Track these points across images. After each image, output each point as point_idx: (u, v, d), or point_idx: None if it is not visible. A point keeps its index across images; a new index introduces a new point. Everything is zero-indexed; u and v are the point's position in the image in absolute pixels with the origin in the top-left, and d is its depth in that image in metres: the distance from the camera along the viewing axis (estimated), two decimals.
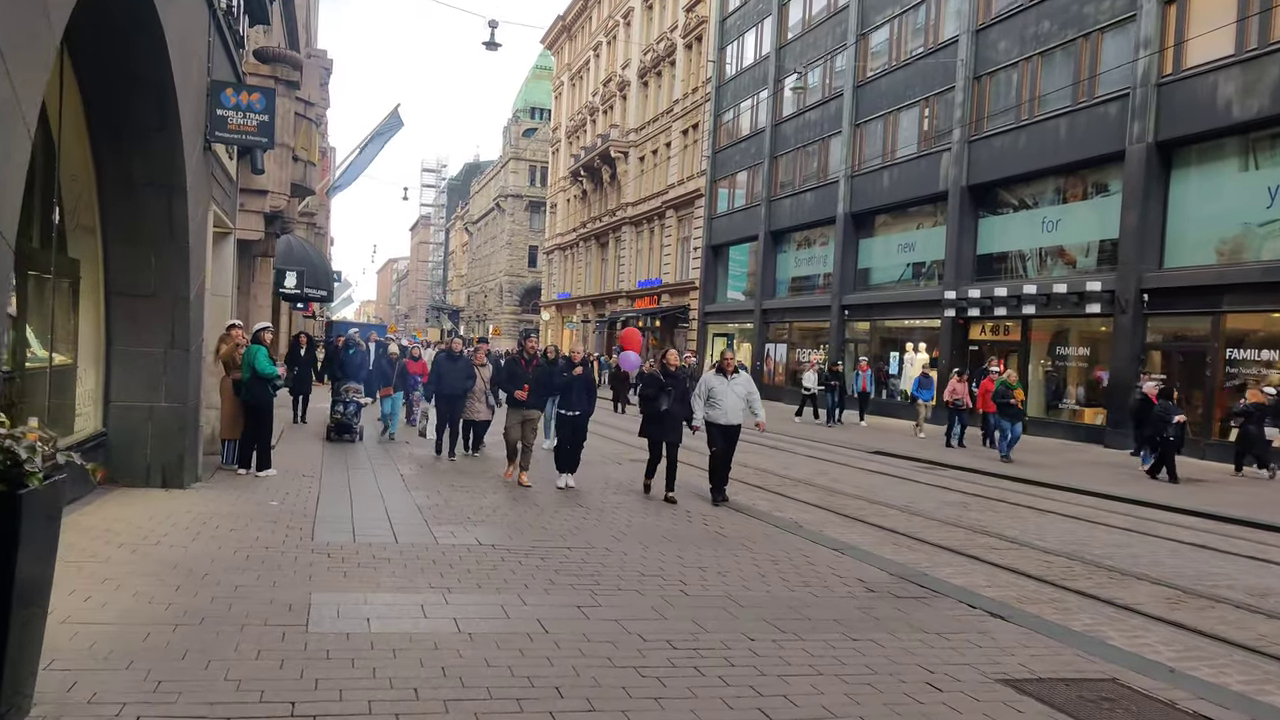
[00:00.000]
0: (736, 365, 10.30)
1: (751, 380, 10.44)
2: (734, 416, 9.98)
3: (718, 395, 9.94)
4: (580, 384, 10.39)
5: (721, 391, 9.94)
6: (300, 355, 15.89)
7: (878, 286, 29.60)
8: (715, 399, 9.93)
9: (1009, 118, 23.51)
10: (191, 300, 8.84)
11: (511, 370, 10.76)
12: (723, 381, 10.01)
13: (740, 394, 10.00)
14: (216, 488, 9.36)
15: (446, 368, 12.13)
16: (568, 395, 10.42)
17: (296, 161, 13.90)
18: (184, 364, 8.88)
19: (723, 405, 9.91)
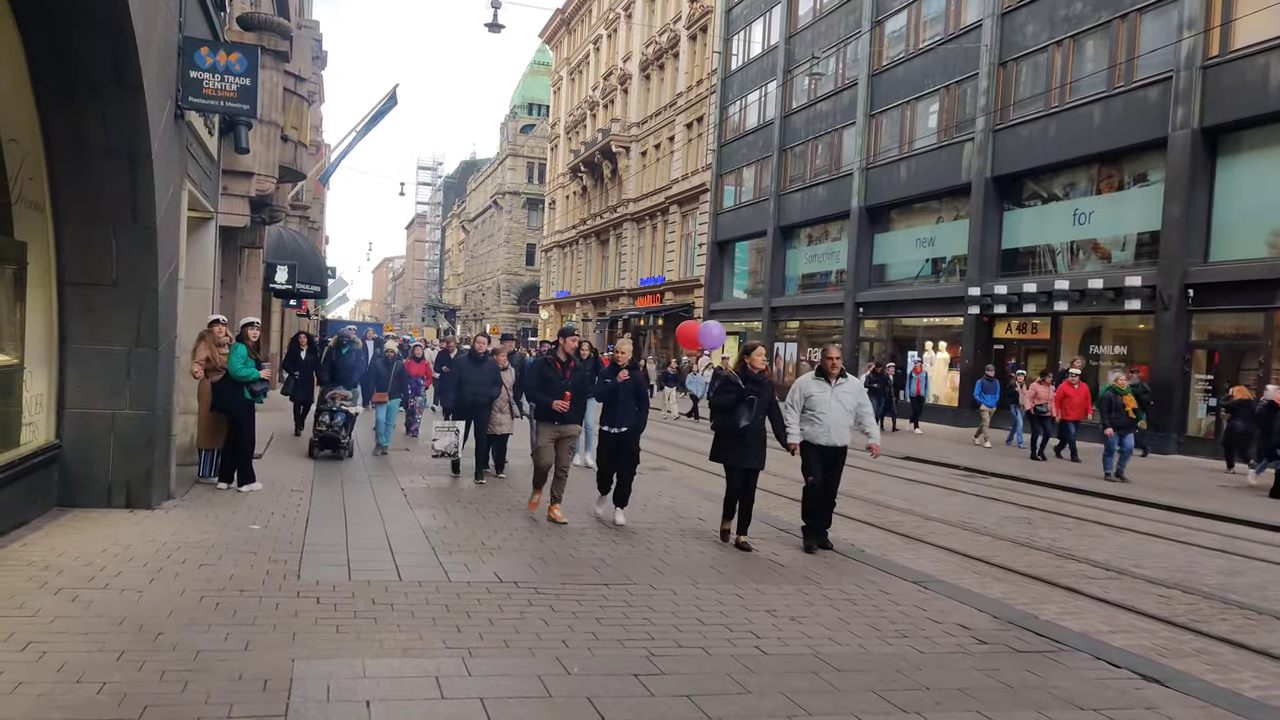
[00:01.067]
0: (842, 368, 7.91)
1: (863, 388, 8.20)
2: (839, 435, 7.68)
3: (819, 407, 7.62)
4: (628, 391, 8.25)
5: (823, 402, 7.63)
6: (300, 358, 14.01)
7: (894, 283, 28.45)
8: (815, 412, 7.64)
9: (1037, 105, 22.35)
10: (161, 291, 7.63)
11: (544, 374, 8.34)
12: (824, 389, 7.68)
13: (848, 405, 7.72)
14: (190, 507, 8.14)
15: (470, 371, 10.22)
16: (612, 406, 8.26)
17: (286, 142, 12.67)
18: (152, 365, 7.67)
19: (825, 420, 7.61)
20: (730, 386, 7.66)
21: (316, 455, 11.75)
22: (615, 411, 8.28)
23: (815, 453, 7.71)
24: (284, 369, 14.17)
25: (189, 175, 8.77)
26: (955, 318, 25.12)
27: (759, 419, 7.56)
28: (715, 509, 9.26)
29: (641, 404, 8.40)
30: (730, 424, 7.52)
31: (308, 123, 14.04)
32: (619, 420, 8.27)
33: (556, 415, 8.15)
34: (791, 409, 7.72)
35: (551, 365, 8.34)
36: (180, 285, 8.55)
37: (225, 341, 9.11)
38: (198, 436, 9.63)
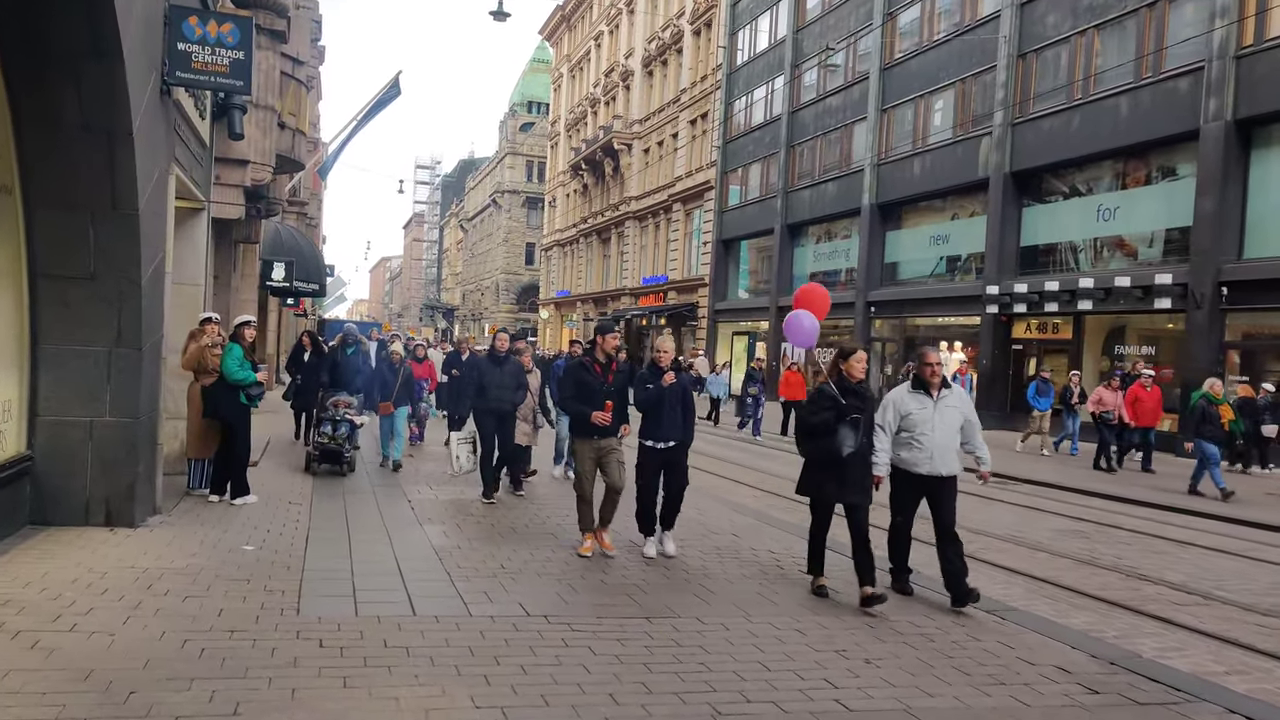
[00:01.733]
0: (945, 376, 6.40)
1: (968, 399, 6.69)
2: (945, 460, 6.13)
3: (919, 427, 6.12)
4: (675, 398, 6.96)
5: (924, 420, 6.12)
6: (304, 361, 12.88)
7: (907, 282, 27.73)
8: (914, 433, 6.14)
9: (1059, 97, 21.63)
10: (144, 285, 6.89)
11: (580, 379, 7.05)
12: (925, 404, 6.18)
13: (953, 423, 6.20)
14: (178, 523, 7.39)
15: (490, 374, 9.02)
16: (655, 416, 6.98)
17: (283, 129, 11.92)
18: (134, 367, 6.92)
19: (927, 443, 6.10)
20: (826, 402, 5.99)
21: (316, 470, 10.42)
22: (660, 422, 6.94)
23: (911, 484, 6.21)
24: (287, 371, 13.40)
25: (177, 160, 8.03)
26: (972, 317, 24.41)
27: (864, 442, 6.04)
28: (748, 524, 8.56)
29: (688, 413, 7.13)
30: (828, 451, 5.93)
31: (306, 109, 13.29)
32: (665, 433, 6.96)
33: (594, 429, 6.91)
34: (882, 431, 6.19)
35: (589, 369, 7.03)
36: (167, 280, 7.81)
37: (218, 341, 8.37)
38: (187, 445, 8.88)
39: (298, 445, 12.80)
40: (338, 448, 10.38)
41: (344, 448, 10.40)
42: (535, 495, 9.53)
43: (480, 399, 9.09)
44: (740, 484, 12.44)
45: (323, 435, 10.45)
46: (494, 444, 9.31)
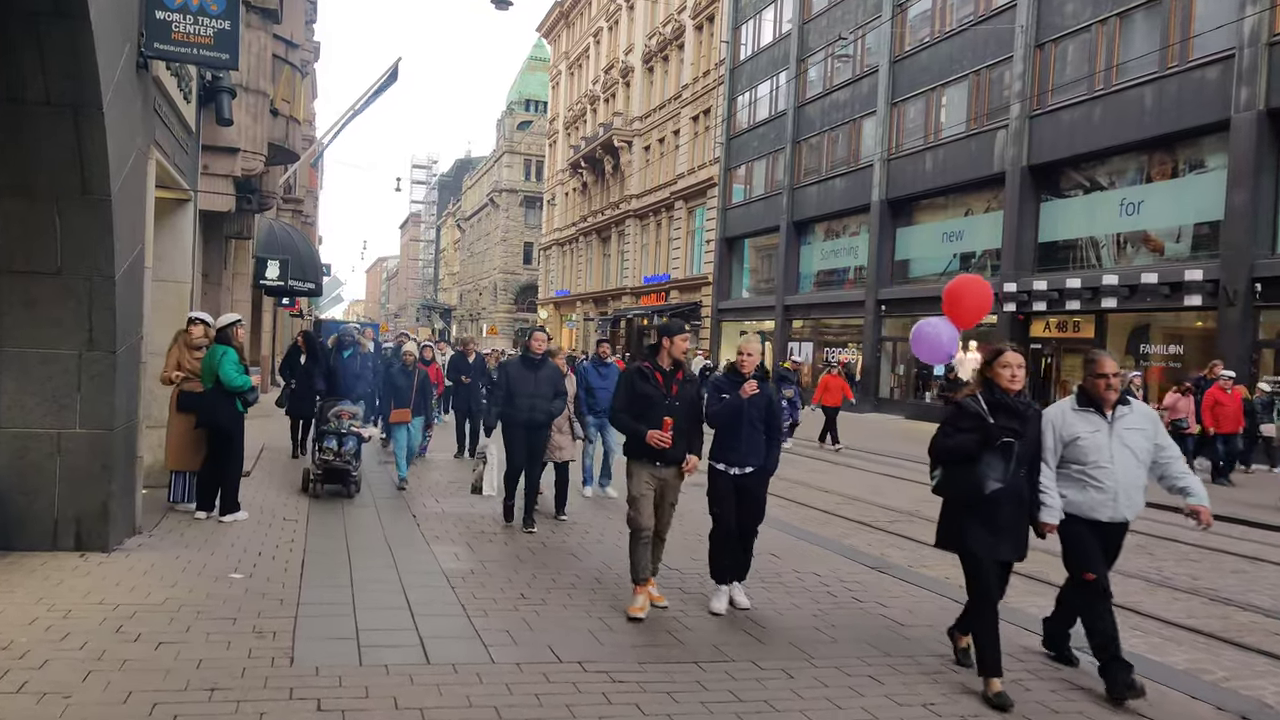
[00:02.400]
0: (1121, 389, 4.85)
1: (1157, 419, 5.04)
2: (1130, 501, 4.68)
3: (1092, 455, 4.64)
4: (756, 413, 5.64)
5: (1098, 448, 4.64)
6: (300, 364, 11.49)
7: (919, 279, 27.02)
8: (1087, 466, 4.65)
9: (1080, 89, 20.94)
10: (119, 280, 6.15)
11: (638, 391, 5.62)
12: (1098, 426, 4.70)
13: (1141, 449, 4.70)
14: (158, 545, 6.65)
15: (523, 379, 7.76)
16: (732, 435, 5.63)
17: (276, 116, 11.17)
18: (108, 372, 6.18)
19: (1106, 480, 4.61)
20: (969, 419, 4.55)
21: (318, 493, 9.02)
22: (736, 442, 5.59)
23: (1092, 534, 4.62)
24: (280, 376, 12.11)
25: (158, 144, 7.29)
26: (988, 315, 23.67)
27: (1019, 476, 4.55)
28: (786, 543, 7.82)
29: (773, 432, 5.75)
30: (967, 485, 4.52)
31: (301, 96, 12.54)
32: (742, 455, 5.60)
33: (653, 451, 5.48)
34: (1045, 464, 4.68)
35: (649, 377, 5.59)
36: (147, 275, 7.07)
37: (202, 344, 7.64)
38: (167, 455, 8.12)
39: (295, 460, 11.62)
40: (344, 466, 9.00)
41: (351, 466, 9.05)
42: (551, 510, 8.76)
43: (510, 408, 7.77)
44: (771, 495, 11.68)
45: (326, 452, 9.02)
46: (522, 461, 7.94)
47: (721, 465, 5.69)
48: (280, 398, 12.00)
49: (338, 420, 9.22)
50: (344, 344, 10.88)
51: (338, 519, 7.98)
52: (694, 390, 5.75)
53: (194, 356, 7.62)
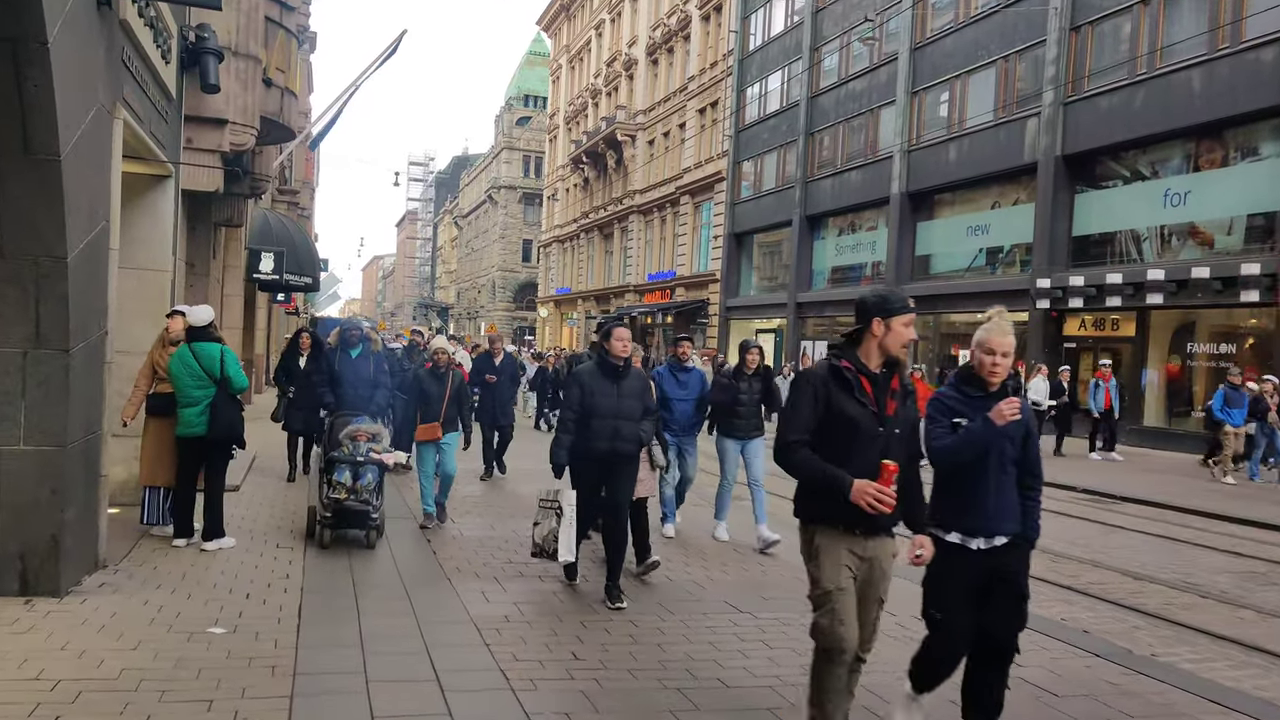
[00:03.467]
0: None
1: None
2: None
3: None
4: (1013, 451, 3.65)
5: None
6: (300, 368, 9.57)
7: (941, 276, 25.92)
8: None
9: (1120, 73, 19.82)
10: (74, 263, 4.99)
11: (833, 409, 3.47)
12: None
13: None
14: (125, 585, 5.49)
15: (604, 395, 5.80)
16: (972, 484, 3.61)
17: (270, 87, 10.00)
18: (60, 375, 5.02)
19: None
20: None
21: (326, 542, 6.81)
22: (981, 497, 3.57)
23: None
24: (276, 382, 10.36)
25: (128, 104, 6.12)
26: (1017, 313, 22.48)
27: None
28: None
29: (1034, 479, 3.74)
30: None
31: (297, 66, 11.36)
32: (991, 518, 3.58)
33: (854, 514, 3.35)
34: None
35: (853, 384, 3.45)
36: (113, 259, 5.91)
37: (179, 339, 6.51)
38: (140, 469, 6.97)
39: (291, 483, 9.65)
40: (361, 506, 6.84)
41: (370, 506, 6.88)
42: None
43: (586, 435, 5.74)
44: None
45: (337, 488, 6.80)
46: (600, 507, 6.05)
47: (958, 536, 3.58)
48: (277, 410, 10.00)
49: (352, 444, 7.05)
50: (349, 341, 8.87)
51: (340, 551, 6.82)
52: (914, 410, 3.64)
53: (166, 354, 6.48)
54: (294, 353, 9.84)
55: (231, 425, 6.46)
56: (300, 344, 9.78)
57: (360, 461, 6.94)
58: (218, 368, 6.38)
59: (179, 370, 6.36)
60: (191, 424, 6.39)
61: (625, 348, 5.85)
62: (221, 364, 6.39)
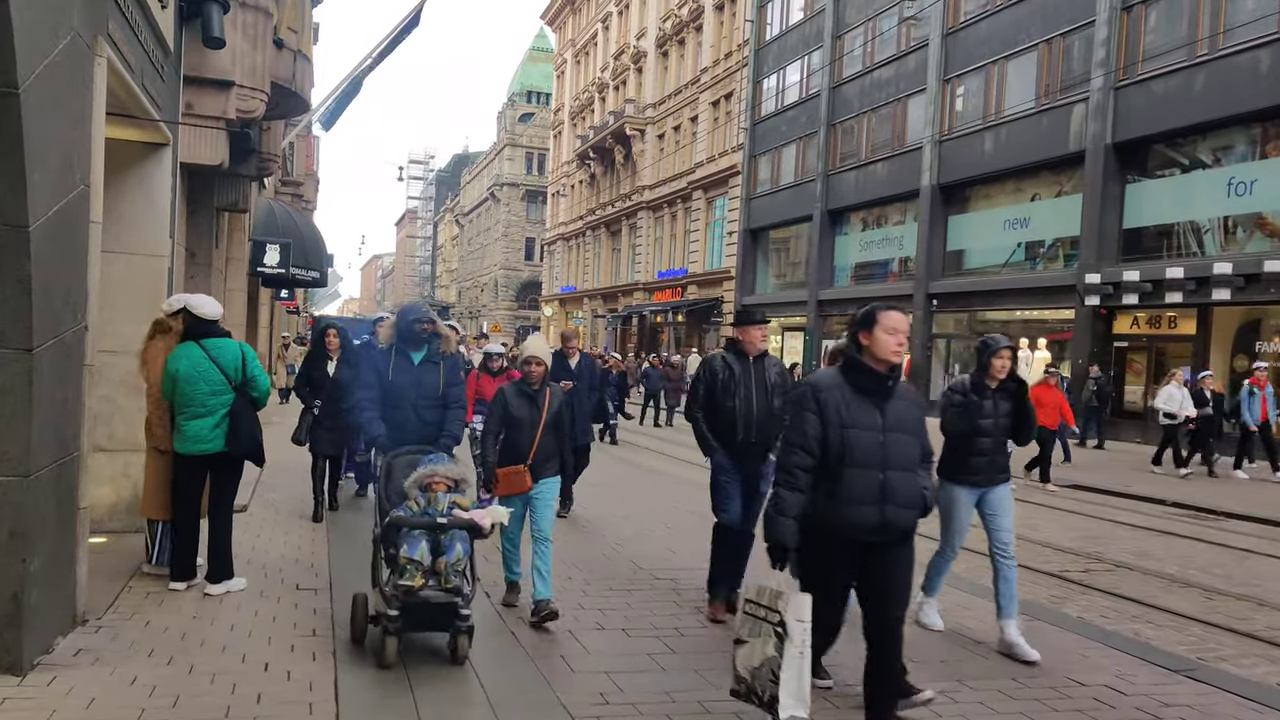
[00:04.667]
0: None
1: None
2: None
3: None
4: None
5: None
6: (327, 375, 7.95)
7: (976, 271, 24.74)
8: None
9: (1178, 55, 18.63)
10: (38, 234, 3.78)
11: None
12: None
13: None
14: (106, 653, 4.28)
15: (867, 423, 3.61)
16: None
17: (281, 49, 8.78)
18: (19, 383, 3.81)
19: None
20: None
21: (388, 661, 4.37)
22: None
23: None
24: (298, 394, 8.23)
25: (114, 43, 4.91)
26: (1061, 310, 21.43)
27: None
28: (1041, 636, 5.43)
29: None
30: None
31: (310, 27, 10.12)
32: None
33: None
34: None
35: None
36: (95, 236, 4.69)
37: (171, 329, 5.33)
38: (144, 498, 5.75)
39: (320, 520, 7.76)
40: (448, 596, 4.42)
41: (461, 598, 4.44)
42: None
43: (834, 497, 3.58)
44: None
45: (409, 568, 4.37)
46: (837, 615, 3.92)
47: None
48: (299, 430, 8.11)
49: (423, 495, 4.68)
50: (412, 338, 5.76)
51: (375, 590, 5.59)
52: None
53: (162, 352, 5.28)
54: (320, 356, 8.02)
55: (256, 438, 5.26)
56: (327, 344, 7.95)
57: (442, 525, 4.51)
58: (239, 368, 5.16)
59: (189, 372, 5.13)
60: (202, 439, 5.16)
61: (898, 346, 3.62)
62: (244, 363, 5.19)
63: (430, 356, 5.81)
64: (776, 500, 3.54)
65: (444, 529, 4.53)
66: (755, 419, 5.31)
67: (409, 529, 4.51)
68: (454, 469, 4.84)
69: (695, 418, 5.48)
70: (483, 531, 4.63)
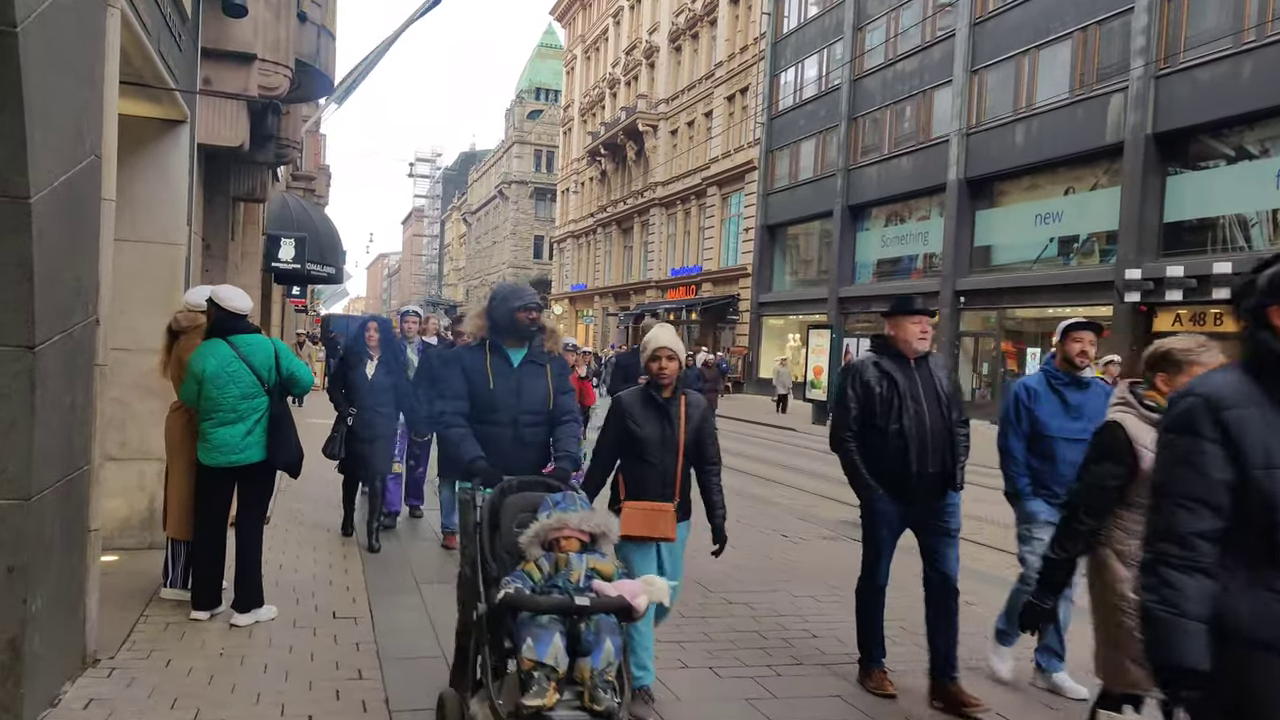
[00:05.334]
0: None
1: None
2: None
3: None
4: None
5: None
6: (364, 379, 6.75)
7: (1005, 267, 24.06)
8: None
9: (1224, 42, 17.94)
10: (39, 206, 3.14)
11: None
12: None
13: None
14: (119, 706, 3.64)
15: None
16: None
17: (304, 22, 8.15)
18: (19, 387, 3.18)
19: None
20: None
21: None
22: None
23: None
24: (331, 399, 6.91)
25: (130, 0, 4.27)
26: (1098, 307, 20.67)
27: None
28: None
29: None
30: None
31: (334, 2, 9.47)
32: None
33: None
34: None
35: None
36: (107, 214, 4.06)
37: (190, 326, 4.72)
38: (167, 516, 5.11)
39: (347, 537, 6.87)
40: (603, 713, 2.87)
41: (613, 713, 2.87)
42: None
43: None
44: None
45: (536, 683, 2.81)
46: None
47: None
48: (332, 443, 6.72)
49: (549, 557, 3.18)
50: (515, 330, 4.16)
51: (419, 620, 4.96)
52: None
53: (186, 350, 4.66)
54: (359, 355, 6.73)
55: (300, 449, 4.64)
56: (367, 339, 6.70)
57: (583, 607, 2.96)
58: (271, 368, 4.53)
59: (217, 373, 4.49)
60: (233, 448, 4.52)
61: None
62: (277, 361, 4.56)
63: (534, 355, 4.19)
64: (1162, 589, 2.04)
65: (585, 612, 2.94)
66: (931, 442, 4.09)
67: (530, 612, 2.94)
68: (591, 517, 3.26)
69: (847, 446, 4.21)
70: (635, 615, 3.03)
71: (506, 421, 4.04)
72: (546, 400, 4.16)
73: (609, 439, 4.03)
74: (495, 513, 3.45)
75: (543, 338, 4.25)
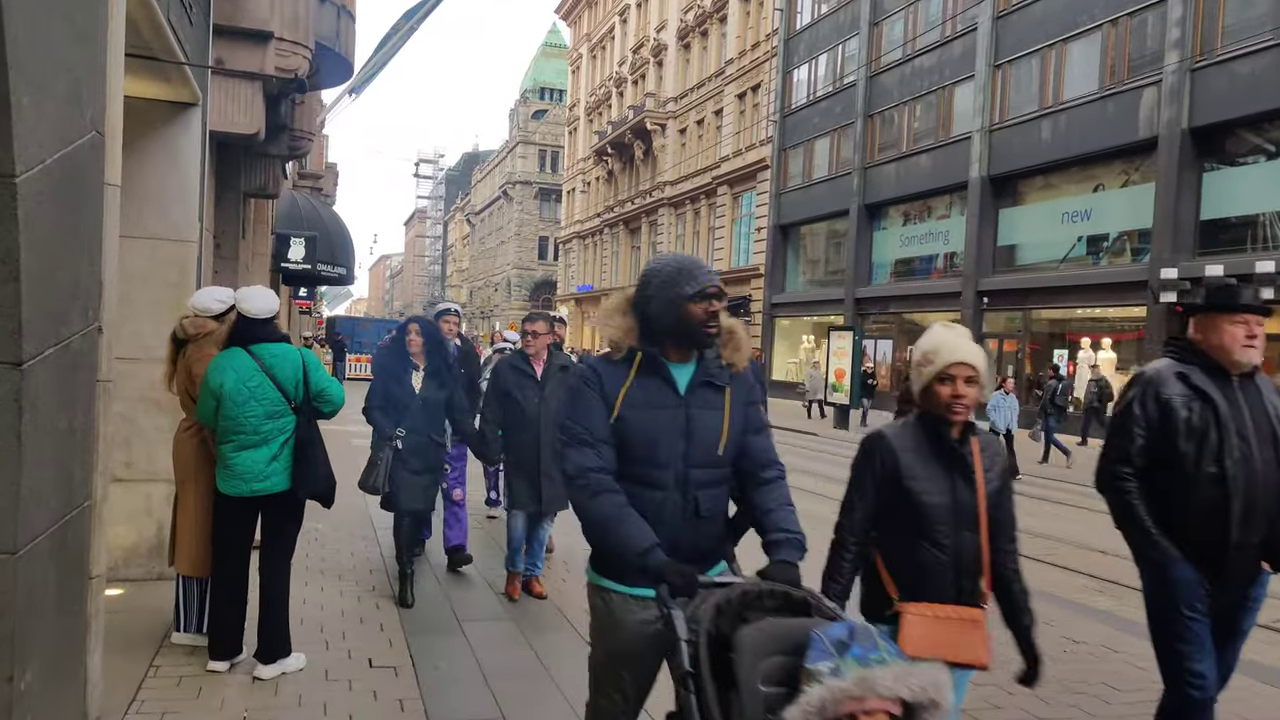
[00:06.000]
0: None
1: None
2: None
3: None
4: None
5: None
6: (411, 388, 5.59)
7: (1030, 267, 23.43)
8: None
9: (1262, 35, 17.31)
10: (27, 188, 2.51)
11: None
12: None
13: None
14: None
15: None
16: None
17: (325, 2, 7.52)
18: (7, 413, 2.54)
19: None
20: None
21: None
22: None
23: None
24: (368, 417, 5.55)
25: None
26: (1130, 307, 20.12)
27: None
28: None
29: None
30: None
31: None
32: None
33: None
34: None
35: None
36: (111, 203, 3.43)
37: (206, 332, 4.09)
38: (177, 550, 4.47)
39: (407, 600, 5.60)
40: None
41: None
42: None
43: None
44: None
45: None
46: None
47: None
48: (371, 473, 5.51)
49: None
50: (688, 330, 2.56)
51: (468, 659, 4.33)
52: None
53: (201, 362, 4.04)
54: (402, 364, 5.52)
55: (331, 477, 3.99)
56: (408, 345, 5.48)
57: None
58: (299, 383, 3.89)
59: (237, 389, 3.85)
60: (256, 475, 3.89)
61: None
62: (305, 375, 3.91)
63: (709, 373, 2.61)
64: None
65: None
66: (1261, 499, 2.89)
67: None
68: (910, 676, 1.93)
69: (1124, 487, 3.02)
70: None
71: (671, 482, 2.54)
72: (718, 442, 2.58)
73: (870, 498, 2.68)
74: (724, 655, 2.03)
75: (719, 343, 2.63)
